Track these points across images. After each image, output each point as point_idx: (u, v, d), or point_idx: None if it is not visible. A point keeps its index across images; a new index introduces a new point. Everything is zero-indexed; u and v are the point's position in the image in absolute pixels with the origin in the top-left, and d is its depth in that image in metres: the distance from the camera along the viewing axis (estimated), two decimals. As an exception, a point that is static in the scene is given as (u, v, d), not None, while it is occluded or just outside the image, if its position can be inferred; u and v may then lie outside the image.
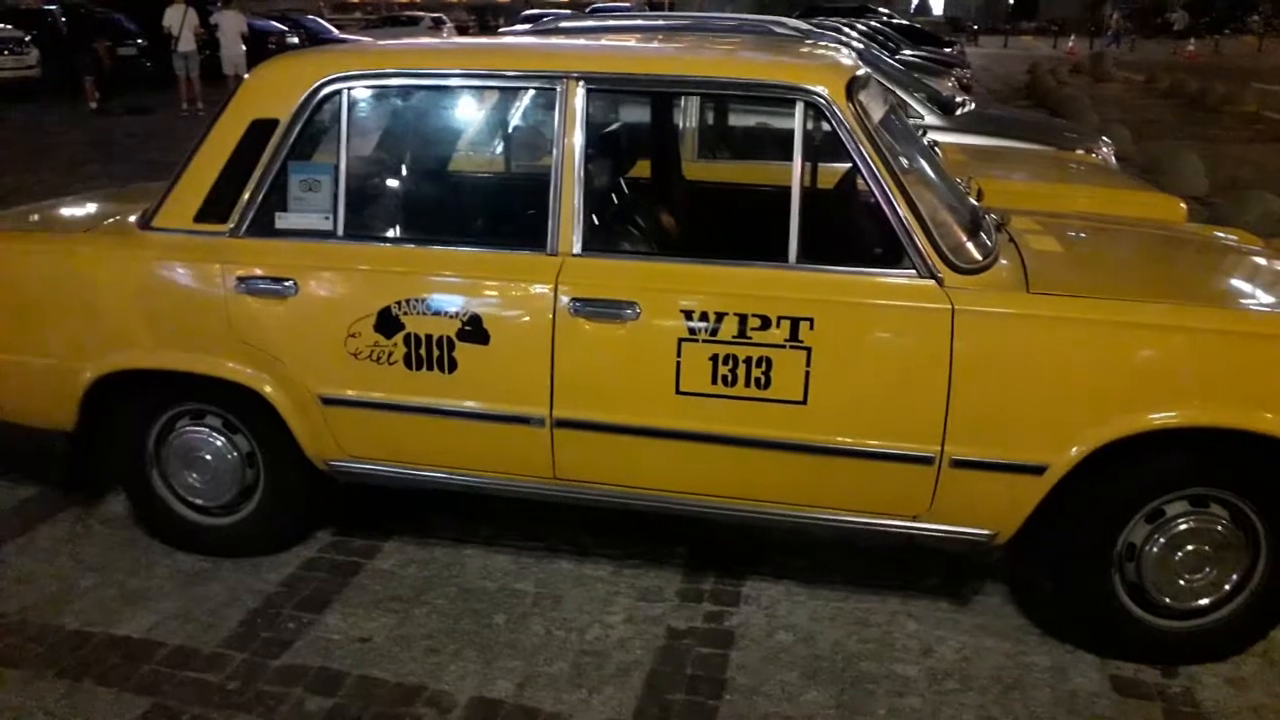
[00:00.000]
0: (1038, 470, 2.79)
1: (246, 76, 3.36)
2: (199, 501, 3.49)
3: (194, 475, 3.44)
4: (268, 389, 3.20)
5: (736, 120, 5.95)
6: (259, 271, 3.13)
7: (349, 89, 3.13)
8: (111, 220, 3.61)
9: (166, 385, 3.36)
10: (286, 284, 3.12)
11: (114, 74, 19.05)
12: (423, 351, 3.06)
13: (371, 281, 3.10)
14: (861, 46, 8.82)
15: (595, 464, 3.10)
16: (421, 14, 45.45)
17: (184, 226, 3.23)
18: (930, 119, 7.07)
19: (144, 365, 3.29)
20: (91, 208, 4.07)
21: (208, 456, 3.41)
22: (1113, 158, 7.71)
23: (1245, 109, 17.92)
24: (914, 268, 2.81)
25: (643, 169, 4.36)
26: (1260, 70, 29.71)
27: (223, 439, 3.40)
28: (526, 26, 8.44)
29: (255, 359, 3.18)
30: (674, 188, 4.43)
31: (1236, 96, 18.70)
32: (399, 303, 3.04)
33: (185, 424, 3.42)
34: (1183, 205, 5.14)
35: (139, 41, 20.95)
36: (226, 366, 3.20)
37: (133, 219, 3.42)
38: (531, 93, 3.78)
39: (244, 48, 17.88)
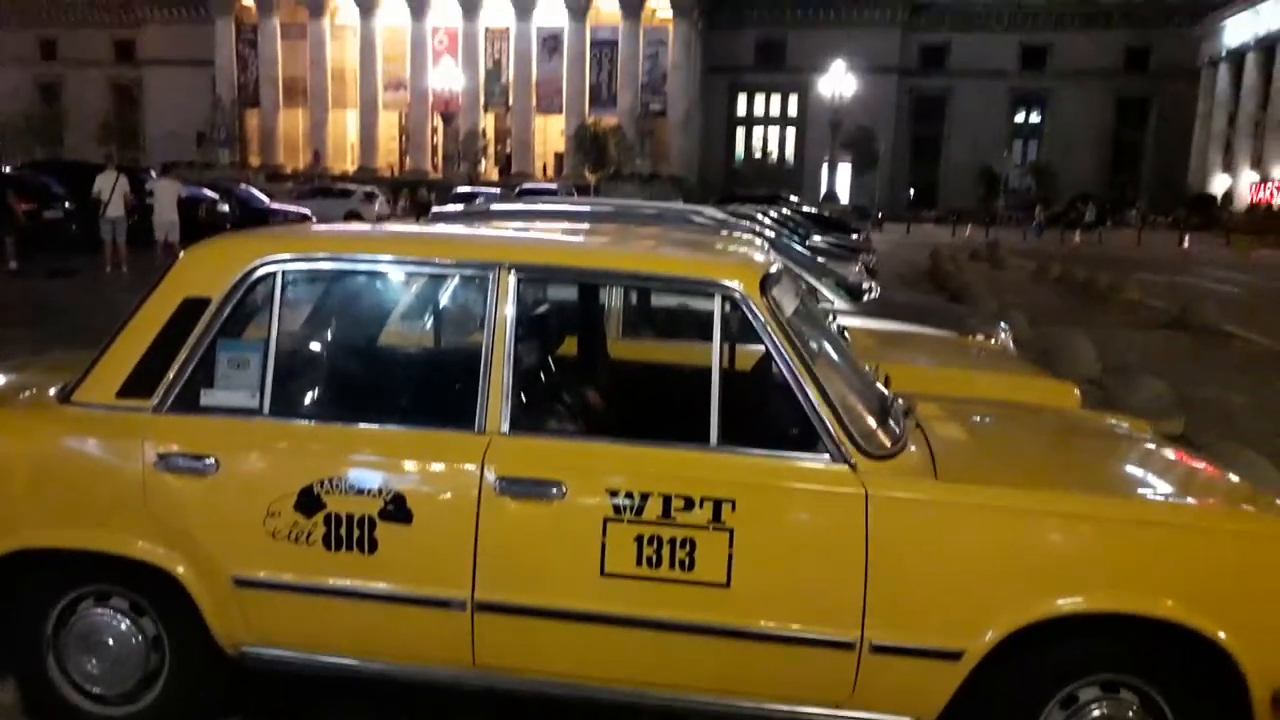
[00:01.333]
0: (954, 656, 2.82)
1: (182, 255, 3.42)
2: (96, 690, 3.28)
3: (94, 661, 3.24)
4: (180, 569, 3.09)
5: (660, 301, 6.18)
6: (179, 449, 3.09)
7: (283, 271, 3.20)
8: (28, 392, 3.54)
9: (72, 565, 3.22)
10: (207, 461, 3.08)
11: (38, 236, 18.99)
12: (343, 531, 3.01)
13: (294, 460, 3.08)
14: (773, 234, 9.39)
15: (516, 649, 3.03)
16: (354, 187, 46.41)
17: (106, 402, 3.19)
18: (839, 304, 7.46)
19: (50, 544, 3.16)
20: (4, 378, 4.00)
21: (110, 641, 3.23)
22: (1011, 342, 8.16)
23: (1129, 297, 19.30)
24: (828, 452, 2.93)
25: (569, 345, 4.48)
26: (1140, 260, 32.26)
27: (128, 622, 3.23)
28: (459, 207, 8.82)
29: (169, 538, 3.09)
30: (599, 366, 4.55)
31: (1120, 285, 20.16)
32: (321, 481, 3.02)
33: (88, 606, 3.25)
34: (1076, 391, 5.47)
35: (66, 205, 21.00)
36: (138, 546, 3.10)
37: (52, 392, 3.36)
38: (464, 279, 3.91)
39: (177, 216, 18.16)
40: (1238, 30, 71.02)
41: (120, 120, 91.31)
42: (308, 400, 3.48)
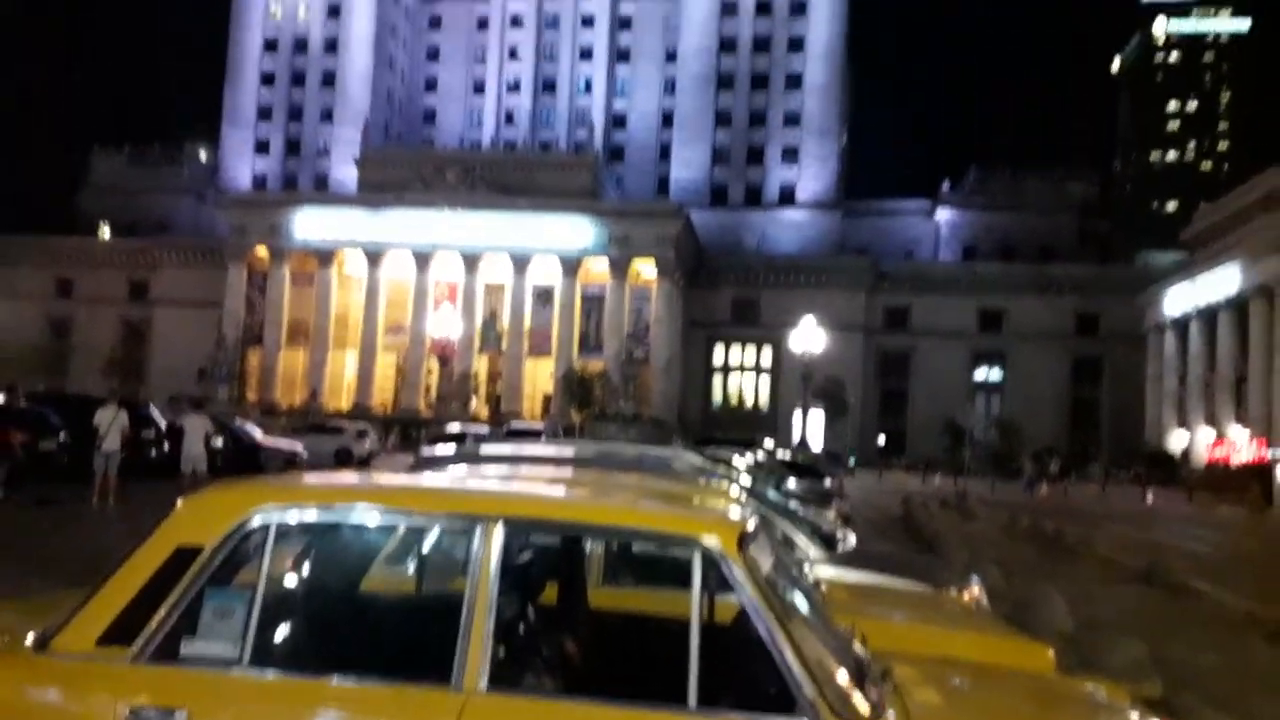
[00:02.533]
0: None
1: (178, 504, 3.49)
2: None
3: None
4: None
5: (640, 547, 6.22)
6: (150, 702, 3.04)
7: (276, 522, 3.28)
8: (4, 638, 3.50)
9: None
10: (178, 715, 3.03)
11: (31, 467, 19.05)
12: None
13: (266, 714, 3.04)
14: (749, 480, 9.59)
15: None
16: (346, 424, 46.82)
17: (85, 650, 3.16)
18: (814, 553, 7.55)
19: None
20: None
21: None
22: (984, 596, 8.18)
23: (1098, 551, 19.41)
24: (805, 716, 2.94)
25: (550, 593, 4.47)
26: (1106, 515, 32.62)
27: None
28: (450, 448, 9.02)
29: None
30: (579, 617, 4.53)
31: (1089, 539, 20.34)
32: (296, 736, 2.98)
33: None
34: (1051, 654, 5.46)
35: (61, 438, 21.05)
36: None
37: (30, 637, 3.33)
38: (450, 530, 3.96)
39: (204, 449, 18.50)
40: (1178, 300, 75.85)
41: (126, 355, 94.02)
42: (289, 650, 3.45)
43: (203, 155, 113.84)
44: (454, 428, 43.93)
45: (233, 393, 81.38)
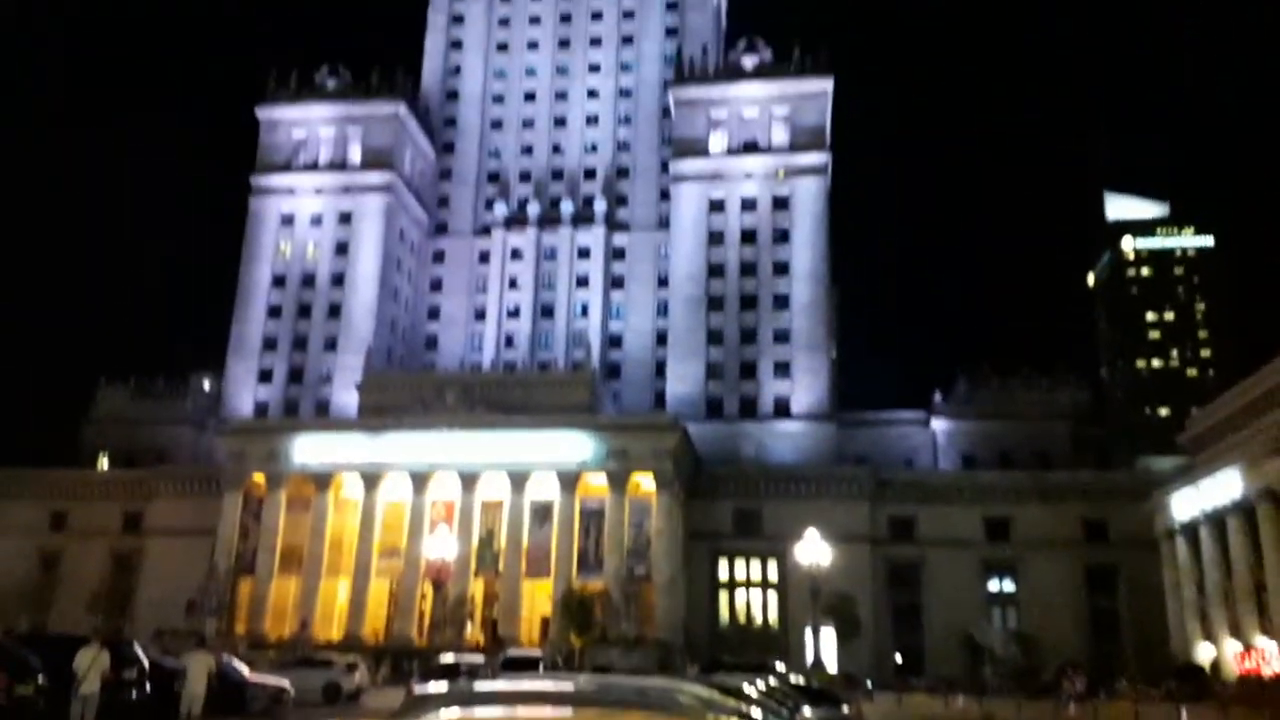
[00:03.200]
0: None
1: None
2: None
3: None
4: None
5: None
6: None
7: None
8: None
9: None
10: None
11: (6, 713, 18.06)
12: None
13: None
14: (762, 715, 8.97)
15: None
16: (335, 658, 44.77)
17: None
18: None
19: None
20: None
21: None
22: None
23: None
24: None
25: None
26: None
27: None
28: (442, 684, 8.47)
29: None
30: None
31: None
32: None
33: None
34: None
35: (40, 681, 20.02)
36: None
37: None
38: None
39: (205, 689, 17.69)
40: (1185, 505, 74.97)
41: (114, 588, 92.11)
42: None
43: (206, 385, 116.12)
44: (448, 658, 41.98)
45: (221, 625, 78.69)
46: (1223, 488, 69.02)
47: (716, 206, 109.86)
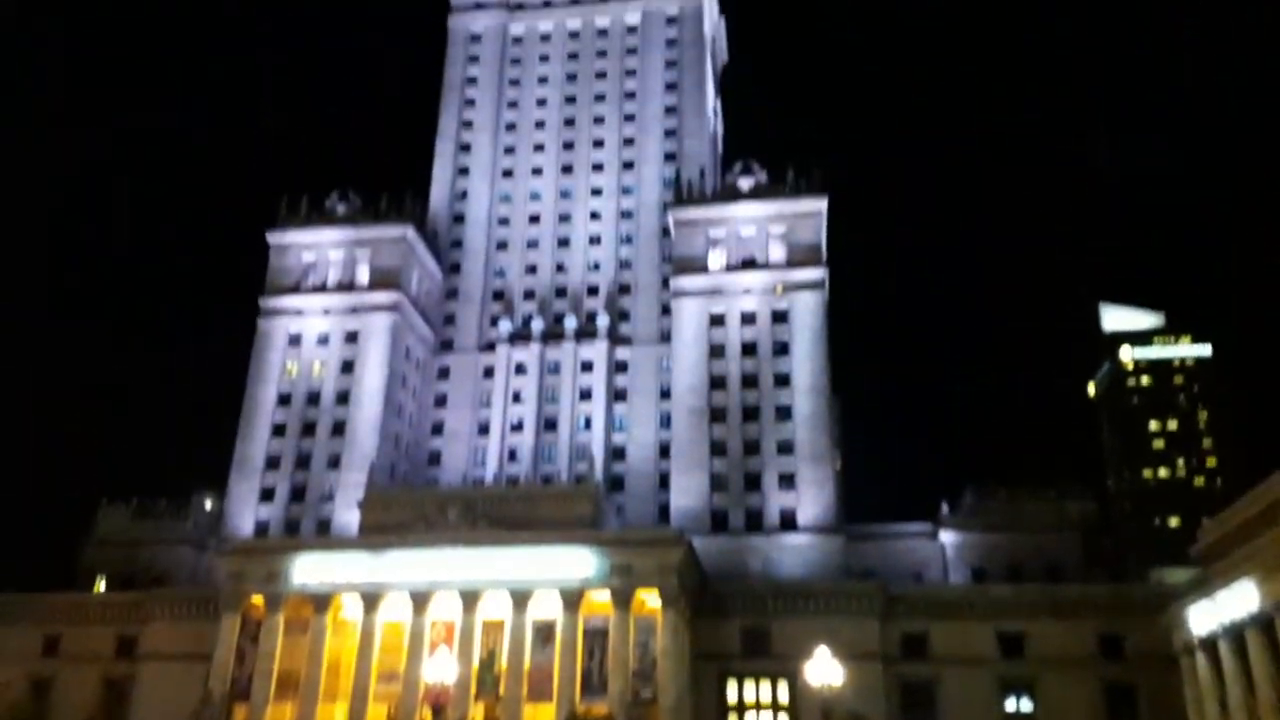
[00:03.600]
0: None
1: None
2: None
3: None
4: None
5: None
6: None
7: None
8: None
9: None
10: None
11: None
12: None
13: None
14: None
15: None
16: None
17: None
18: None
19: None
20: None
21: None
22: None
23: None
24: None
25: None
26: None
27: None
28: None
29: None
30: None
31: None
32: None
33: None
34: None
35: None
36: None
37: None
38: None
39: None
40: (1203, 618, 73.29)
41: (106, 716, 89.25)
42: None
43: (208, 505, 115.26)
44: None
45: (212, 757, 75.99)
46: (1240, 600, 67.66)
47: (717, 321, 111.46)
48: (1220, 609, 70.64)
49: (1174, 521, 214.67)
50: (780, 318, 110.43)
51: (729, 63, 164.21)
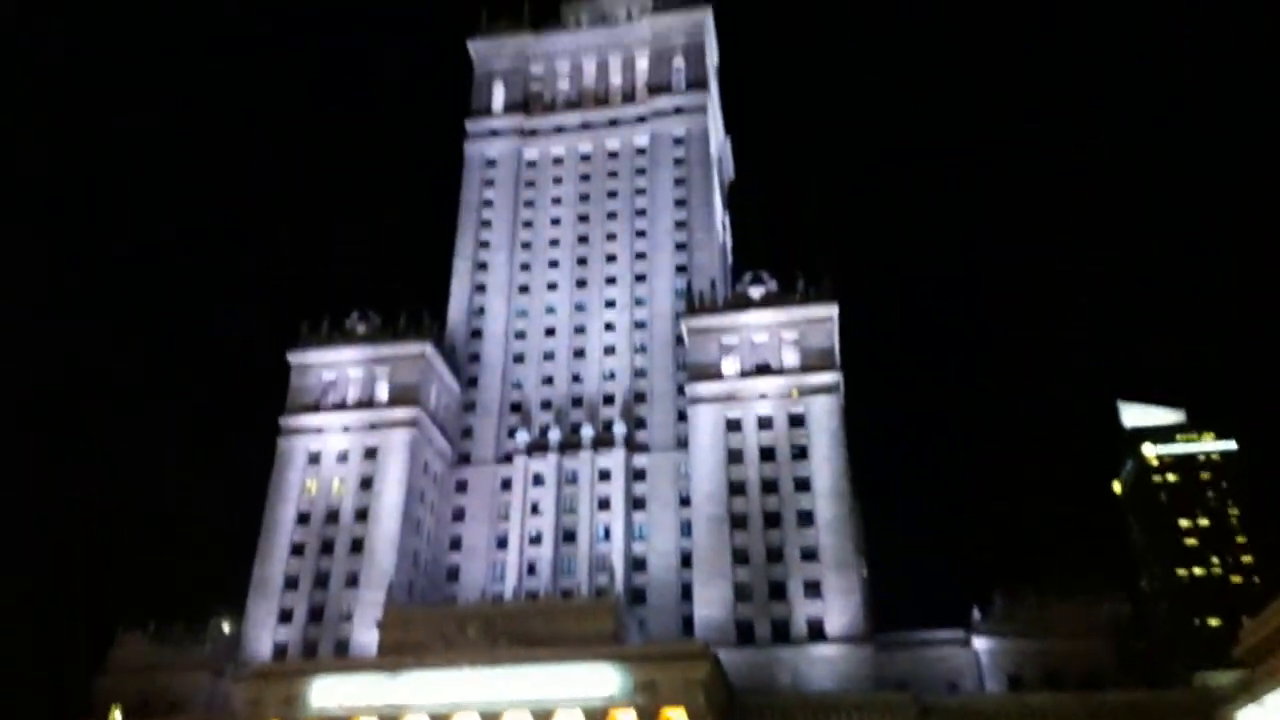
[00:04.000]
0: None
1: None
2: None
3: None
4: None
5: None
6: None
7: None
8: None
9: None
10: None
11: None
12: None
13: None
14: None
15: None
16: None
17: None
18: None
19: None
20: None
21: None
22: None
23: None
24: None
25: None
26: None
27: None
28: None
29: None
30: None
31: None
32: None
33: None
34: None
35: None
36: None
37: None
38: None
39: None
40: None
41: None
42: None
43: (226, 628, 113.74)
44: None
45: None
46: (1289, 700, 65.35)
47: (733, 426, 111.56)
48: (1269, 713, 68.19)
49: (1213, 621, 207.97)
50: (797, 422, 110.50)
51: (735, 178, 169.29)
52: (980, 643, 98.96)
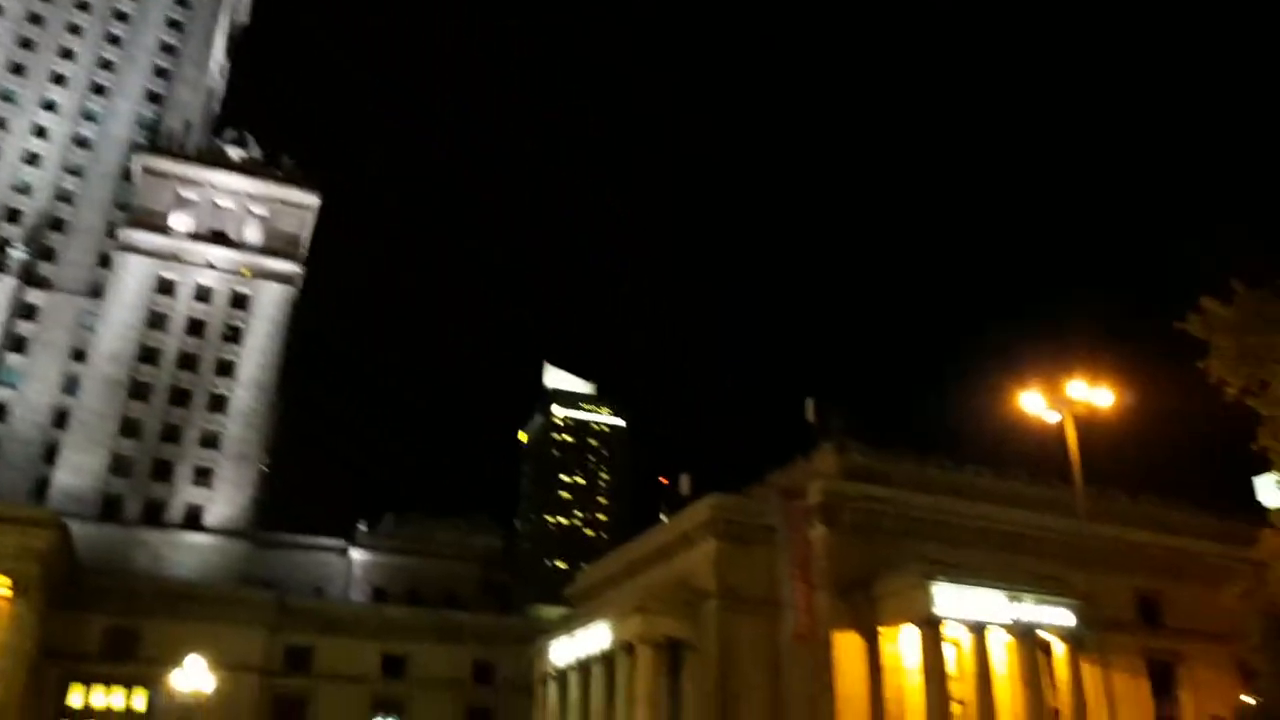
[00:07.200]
0: None
1: None
2: None
3: None
4: None
5: None
6: None
7: None
8: None
9: None
10: None
11: None
12: None
13: None
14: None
15: None
16: None
17: None
18: None
19: None
20: None
21: None
22: None
23: None
24: None
25: None
26: None
27: None
28: None
29: None
30: None
31: None
32: None
33: None
34: None
35: None
36: None
37: None
38: None
39: None
40: (562, 652, 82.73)
41: None
42: None
43: None
44: None
45: None
46: (594, 638, 77.79)
47: (166, 288, 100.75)
48: (578, 645, 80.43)
49: (562, 565, 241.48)
50: (240, 302, 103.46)
51: (249, 24, 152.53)
52: (356, 554, 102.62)
